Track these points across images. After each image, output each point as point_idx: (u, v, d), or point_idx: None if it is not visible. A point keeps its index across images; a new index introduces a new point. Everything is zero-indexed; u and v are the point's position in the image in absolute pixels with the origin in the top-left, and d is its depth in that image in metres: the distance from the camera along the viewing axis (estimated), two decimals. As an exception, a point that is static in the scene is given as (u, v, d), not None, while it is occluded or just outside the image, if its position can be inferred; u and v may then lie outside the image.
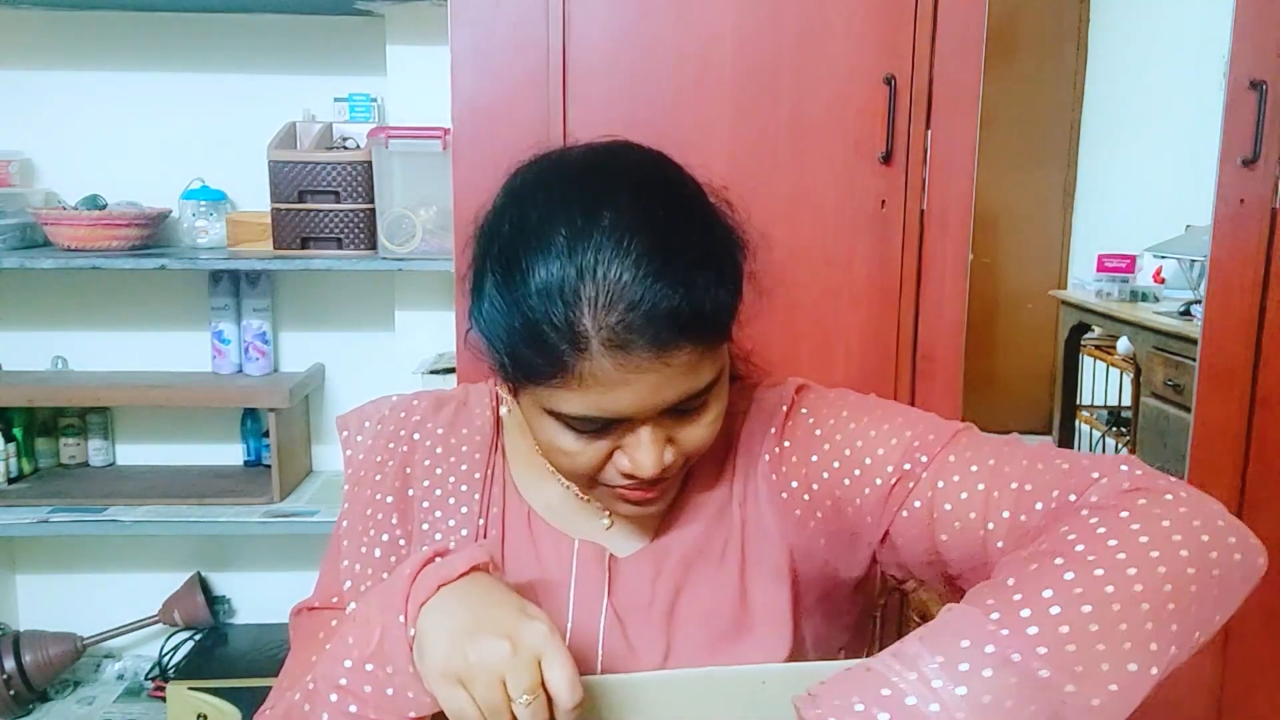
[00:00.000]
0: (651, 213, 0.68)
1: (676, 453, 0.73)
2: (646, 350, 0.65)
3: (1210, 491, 0.68)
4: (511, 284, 0.68)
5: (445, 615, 0.63)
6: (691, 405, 0.72)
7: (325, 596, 0.82)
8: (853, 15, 1.30)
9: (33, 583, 2.19)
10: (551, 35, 1.29)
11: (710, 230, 0.72)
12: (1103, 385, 3.22)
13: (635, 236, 0.66)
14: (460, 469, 0.83)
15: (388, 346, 2.05)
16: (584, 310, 0.65)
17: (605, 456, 0.72)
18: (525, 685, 0.60)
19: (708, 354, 0.70)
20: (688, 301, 0.66)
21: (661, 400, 0.69)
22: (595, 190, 0.69)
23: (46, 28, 2.00)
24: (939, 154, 1.33)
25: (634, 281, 0.65)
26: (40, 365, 2.11)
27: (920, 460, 0.75)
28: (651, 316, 0.65)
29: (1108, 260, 2.81)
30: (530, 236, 0.68)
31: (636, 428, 0.70)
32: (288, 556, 2.14)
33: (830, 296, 1.36)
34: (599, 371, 0.65)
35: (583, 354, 0.65)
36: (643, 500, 0.76)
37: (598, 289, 0.65)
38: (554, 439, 0.72)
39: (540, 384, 0.68)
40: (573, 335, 0.65)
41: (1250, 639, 1.51)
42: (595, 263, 0.65)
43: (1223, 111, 1.41)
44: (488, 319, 0.70)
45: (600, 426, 0.70)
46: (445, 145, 1.72)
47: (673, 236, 0.67)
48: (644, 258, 0.65)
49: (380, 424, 0.87)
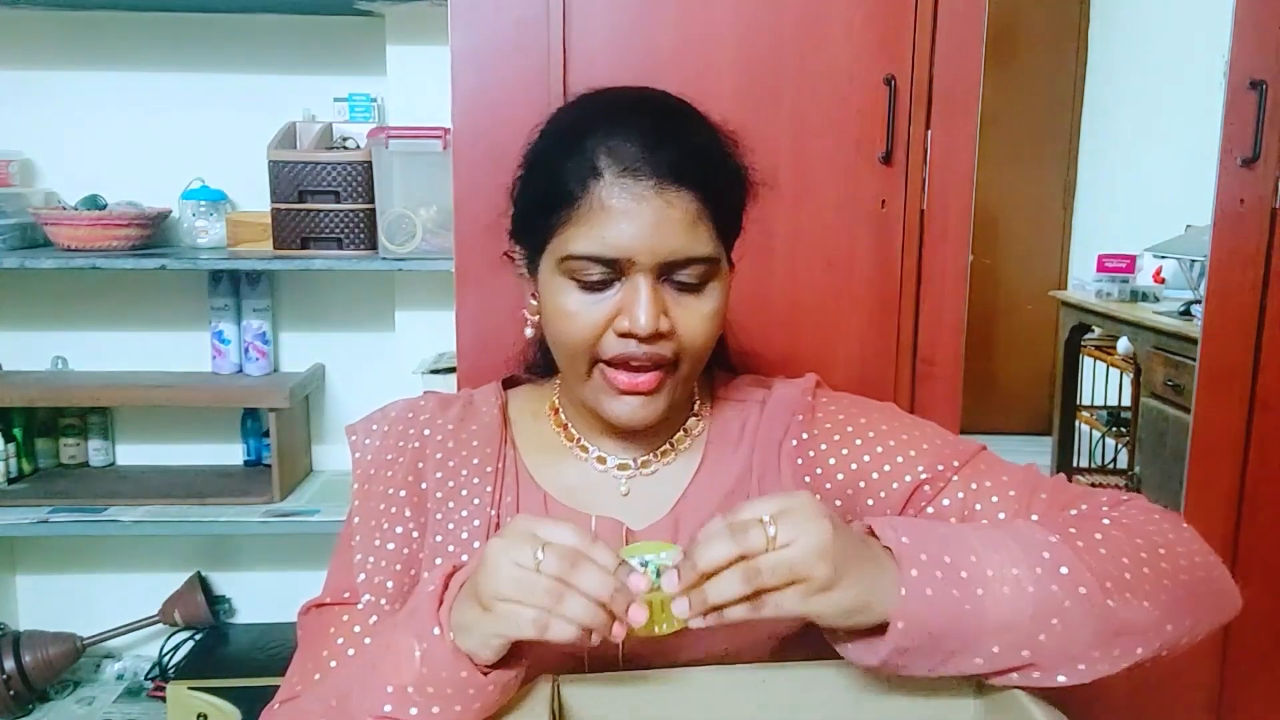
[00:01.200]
0: (665, 101, 0.81)
1: (672, 329, 0.77)
2: (650, 180, 0.74)
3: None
4: (537, 155, 0.81)
5: (467, 597, 0.66)
6: (689, 276, 0.77)
7: (336, 593, 0.83)
8: (853, 15, 1.30)
9: (33, 583, 2.19)
10: (551, 35, 1.29)
11: (719, 135, 0.82)
12: (1103, 385, 3.22)
13: (650, 110, 0.79)
14: (472, 462, 0.85)
15: (388, 346, 2.05)
16: (599, 153, 0.75)
17: (605, 321, 0.77)
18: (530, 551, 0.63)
19: (706, 219, 0.76)
20: (692, 152, 0.76)
21: (662, 242, 0.74)
22: (617, 92, 0.82)
23: (46, 28, 2.00)
24: (939, 154, 1.33)
25: (645, 132, 0.76)
26: (40, 365, 2.11)
27: (953, 465, 0.83)
28: (657, 154, 0.75)
29: (1108, 260, 2.80)
30: (554, 126, 0.82)
31: (637, 283, 0.75)
32: (288, 556, 2.14)
33: (830, 297, 1.36)
34: (607, 200, 0.74)
35: (595, 181, 0.74)
36: (632, 389, 0.78)
37: (612, 138, 0.75)
38: (562, 302, 0.77)
39: (557, 225, 0.76)
40: (588, 168, 0.75)
41: (1250, 639, 1.51)
42: (613, 124, 0.76)
43: (1223, 111, 1.41)
44: (519, 205, 0.83)
45: (605, 277, 0.76)
46: (445, 145, 1.72)
47: (682, 116, 0.80)
48: (655, 121, 0.77)
49: (389, 425, 0.89)
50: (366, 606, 0.81)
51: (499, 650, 0.65)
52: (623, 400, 0.79)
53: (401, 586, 0.82)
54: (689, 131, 0.78)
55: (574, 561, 0.63)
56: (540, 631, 0.63)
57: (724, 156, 0.81)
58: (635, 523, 0.85)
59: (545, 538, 0.64)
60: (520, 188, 0.84)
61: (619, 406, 0.80)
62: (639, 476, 0.87)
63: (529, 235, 0.82)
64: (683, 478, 0.87)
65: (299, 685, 0.79)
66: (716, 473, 0.87)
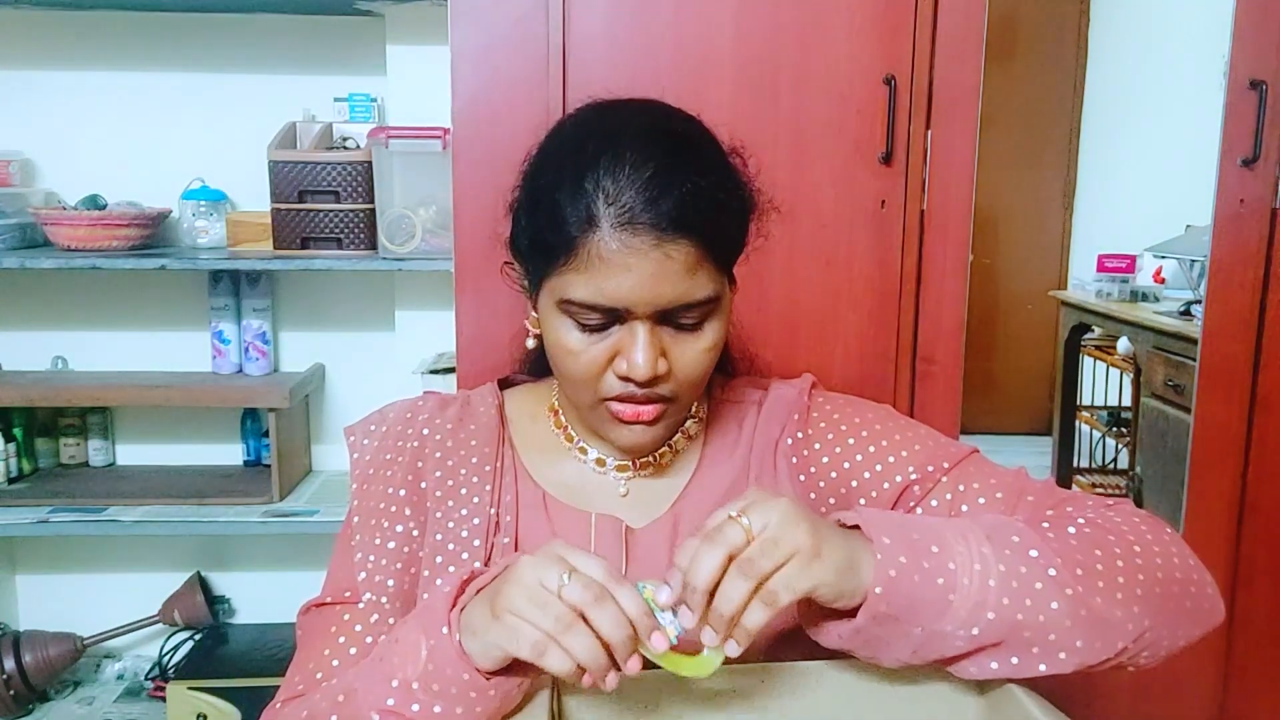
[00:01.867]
0: (669, 135, 0.77)
1: (669, 370, 0.77)
2: (649, 234, 0.72)
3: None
4: (538, 186, 0.78)
5: (482, 599, 0.67)
6: (688, 319, 0.76)
7: (337, 592, 0.84)
8: (853, 15, 1.30)
9: (33, 583, 2.19)
10: (551, 35, 1.29)
11: (723, 166, 0.80)
12: (1103, 385, 3.22)
13: (651, 149, 0.74)
14: (470, 461, 0.86)
15: (388, 346, 2.05)
16: (598, 197, 0.73)
17: (605, 361, 0.77)
18: (557, 573, 0.63)
19: (706, 262, 0.75)
20: (692, 200, 0.73)
21: (659, 294, 0.74)
22: (620, 117, 0.79)
23: (46, 28, 2.00)
24: (939, 154, 1.33)
25: (645, 180, 0.73)
26: (40, 365, 2.11)
27: (943, 466, 0.84)
28: (658, 205, 0.72)
29: (1108, 260, 2.80)
30: (556, 152, 0.79)
31: (635, 329, 0.75)
32: (288, 556, 2.14)
33: (830, 297, 1.36)
34: (605, 252, 0.72)
35: (593, 231, 0.73)
36: (635, 419, 0.79)
37: (613, 181, 0.73)
38: (562, 338, 0.78)
39: (555, 268, 0.75)
40: (586, 215, 0.73)
41: (1252, 640, 1.51)
42: (613, 164, 0.73)
43: (1223, 111, 1.41)
44: (518, 228, 0.81)
45: (603, 322, 0.76)
46: (445, 145, 1.71)
47: (685, 154, 0.76)
48: (657, 165, 0.74)
49: (387, 426, 0.89)
50: (367, 605, 0.82)
51: (498, 662, 0.65)
52: (626, 429, 0.80)
53: (401, 585, 0.83)
54: (692, 172, 0.74)
55: (598, 596, 0.63)
56: (536, 655, 0.62)
57: (729, 193, 0.78)
58: (634, 522, 0.85)
59: (575, 565, 0.64)
60: (519, 214, 0.82)
61: (623, 434, 0.81)
62: (638, 477, 0.88)
63: (528, 264, 0.82)
64: (681, 478, 0.88)
65: (301, 684, 0.79)
66: (714, 473, 0.88)
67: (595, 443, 0.88)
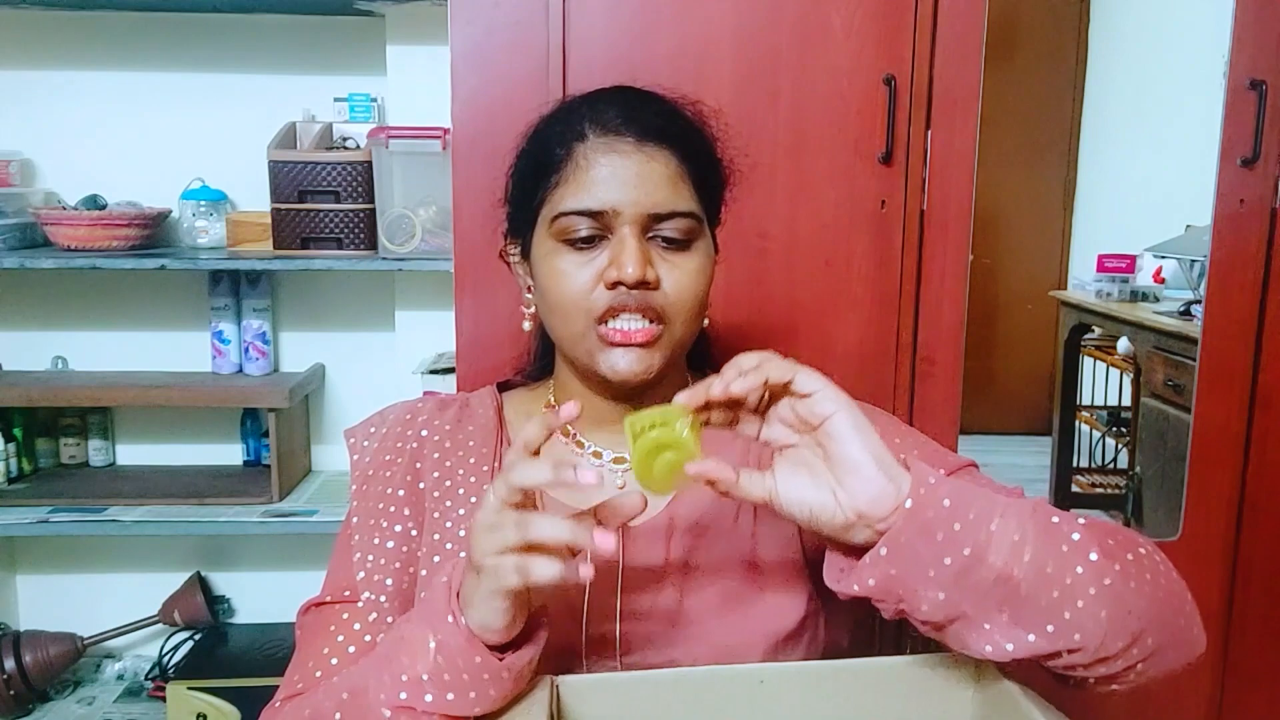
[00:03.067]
0: (651, 91, 0.87)
1: (658, 281, 0.80)
2: (631, 138, 0.80)
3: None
4: (530, 133, 0.87)
5: (466, 571, 0.68)
6: (673, 232, 0.80)
7: (336, 591, 0.84)
8: (853, 15, 1.30)
9: (33, 583, 2.19)
10: (551, 35, 1.29)
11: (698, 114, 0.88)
12: (1103, 385, 3.22)
13: (629, 92, 0.86)
14: (469, 461, 0.87)
15: (388, 346, 2.05)
16: (583, 116, 0.82)
17: (597, 277, 0.80)
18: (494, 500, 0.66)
19: (686, 180, 0.82)
20: (669, 117, 0.84)
21: (644, 194, 0.79)
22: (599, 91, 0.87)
23: (46, 28, 2.00)
24: (939, 154, 1.33)
25: (625, 100, 0.84)
26: (40, 365, 2.11)
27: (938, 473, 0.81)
28: (638, 118, 0.81)
29: (1108, 260, 2.80)
30: (541, 119, 0.87)
31: (623, 236, 0.79)
32: (287, 556, 2.14)
33: (830, 297, 1.36)
34: (591, 156, 0.80)
35: (579, 142, 0.81)
36: (626, 341, 0.80)
37: (595, 108, 0.82)
38: (556, 265, 0.81)
39: (547, 192, 0.82)
40: (573, 133, 0.81)
41: (1250, 641, 1.51)
42: (596, 98, 0.84)
43: (1223, 111, 1.41)
44: (512, 182, 0.88)
45: (594, 232, 0.80)
46: (445, 145, 1.72)
47: (662, 97, 0.86)
48: (636, 95, 0.85)
49: (386, 428, 0.90)
50: (366, 604, 0.82)
51: (504, 614, 0.65)
52: (619, 353, 0.81)
53: (400, 585, 0.83)
54: (668, 103, 0.85)
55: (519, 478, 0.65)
56: (524, 576, 0.63)
57: (702, 130, 0.87)
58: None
59: (494, 486, 0.66)
60: (513, 172, 0.89)
61: (616, 359, 0.81)
62: None
63: (523, 209, 0.86)
64: None
65: (300, 683, 0.79)
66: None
67: (592, 434, 0.88)
